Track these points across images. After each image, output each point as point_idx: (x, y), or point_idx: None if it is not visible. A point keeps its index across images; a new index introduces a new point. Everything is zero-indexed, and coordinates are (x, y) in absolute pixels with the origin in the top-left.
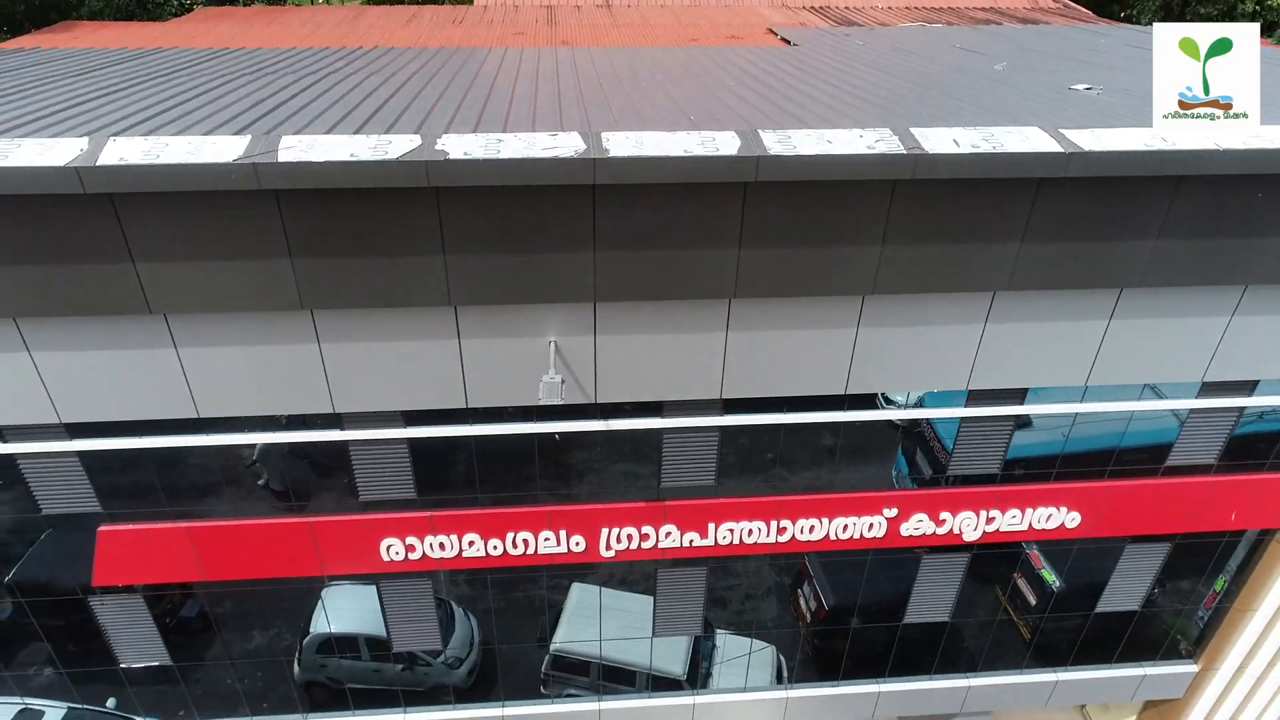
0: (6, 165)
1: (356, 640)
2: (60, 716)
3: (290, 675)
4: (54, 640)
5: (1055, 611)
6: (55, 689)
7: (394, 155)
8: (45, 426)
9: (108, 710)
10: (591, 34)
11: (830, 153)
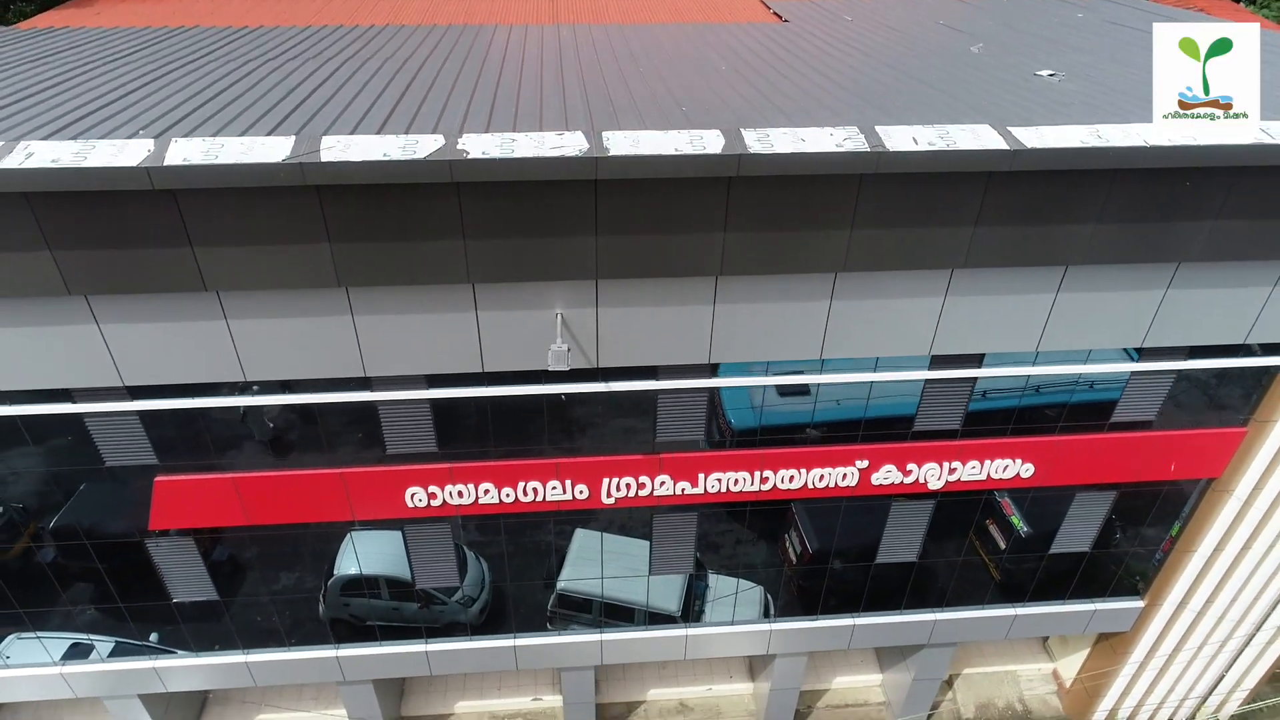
0: (86, 166)
1: (377, 581)
2: (109, 650)
3: (317, 613)
4: (100, 581)
5: (1020, 553)
6: (99, 626)
7: (421, 155)
8: (109, 389)
9: (151, 644)
10: (591, 5)
11: (803, 151)
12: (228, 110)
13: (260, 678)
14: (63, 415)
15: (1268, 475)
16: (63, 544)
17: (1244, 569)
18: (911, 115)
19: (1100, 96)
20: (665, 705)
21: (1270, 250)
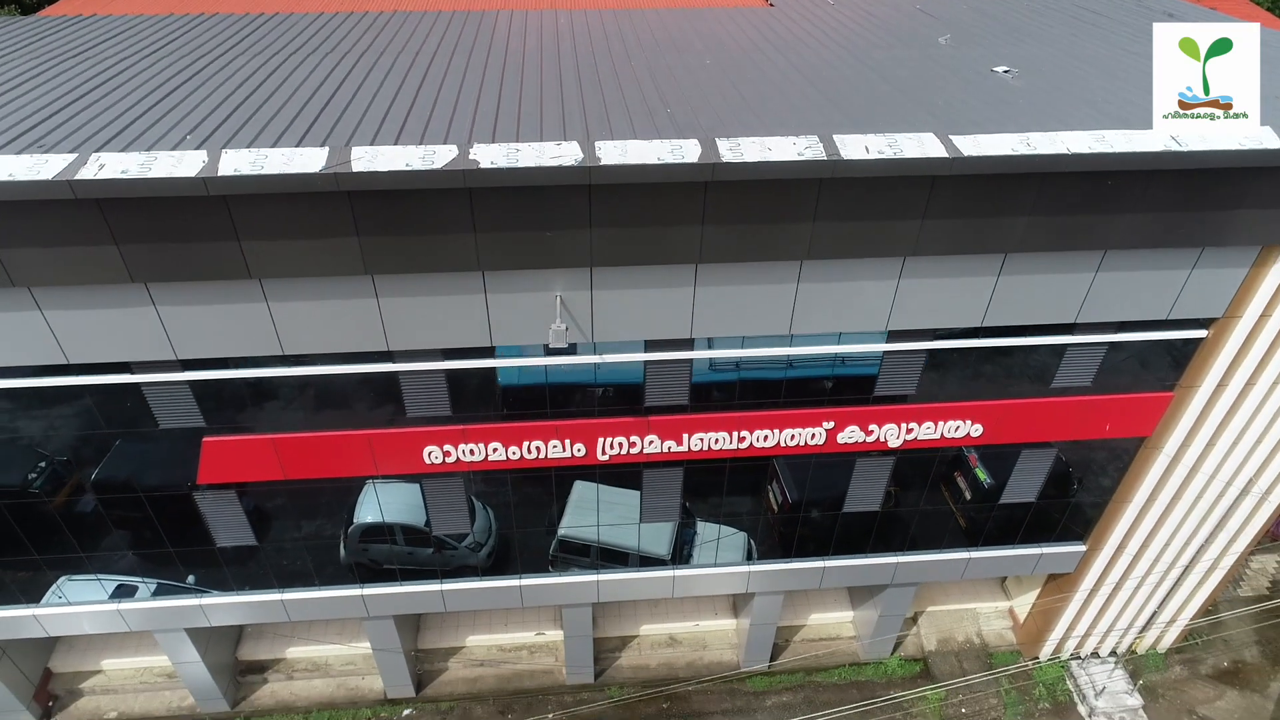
0: (151, 177)
1: (393, 529)
2: (152, 590)
3: (338, 558)
4: (151, 528)
5: (983, 503)
6: (144, 569)
7: (439, 165)
8: (164, 362)
9: (188, 585)
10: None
11: (769, 160)
12: (261, 113)
13: (294, 613)
14: (123, 384)
15: (1193, 433)
16: (117, 496)
17: (1174, 518)
18: (870, 119)
19: (1044, 96)
20: (656, 639)
21: (1185, 239)
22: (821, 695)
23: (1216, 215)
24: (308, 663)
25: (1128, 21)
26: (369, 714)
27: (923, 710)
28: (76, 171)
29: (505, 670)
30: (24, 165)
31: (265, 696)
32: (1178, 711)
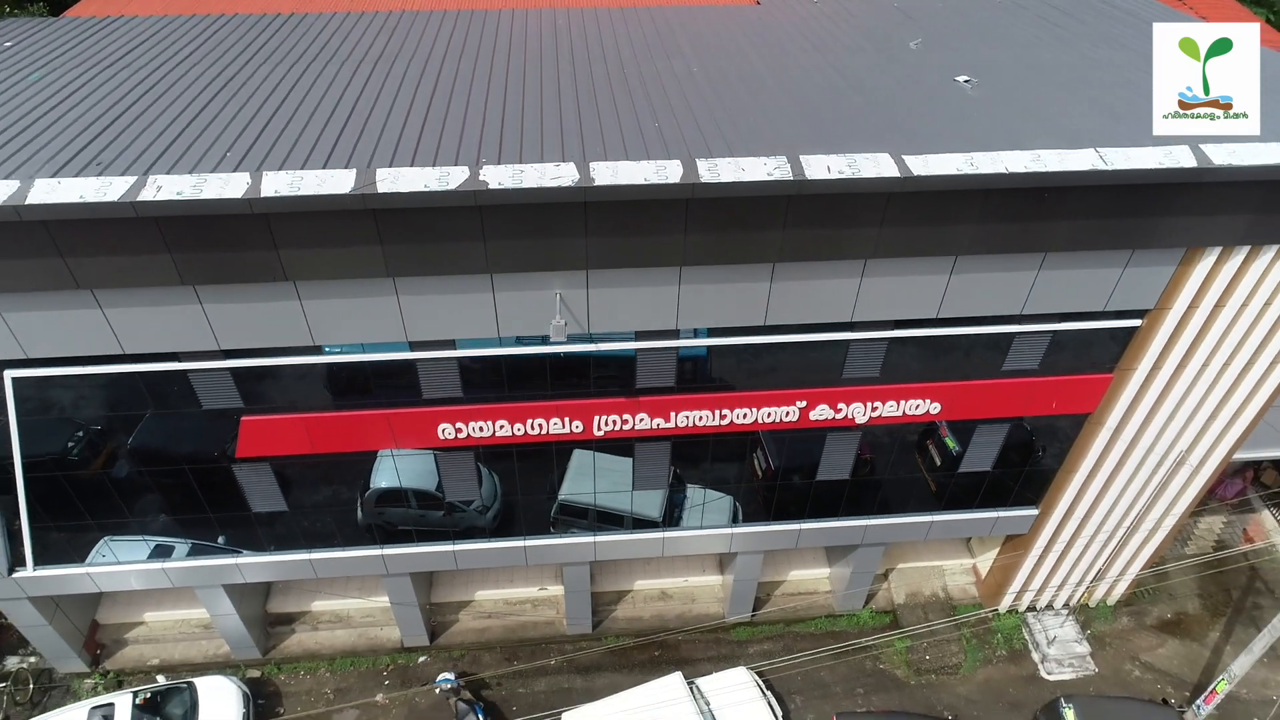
0: (203, 198)
1: (406, 493)
2: (187, 550)
3: (356, 520)
4: (192, 495)
5: (948, 470)
6: (181, 531)
7: (453, 186)
8: (209, 352)
9: (219, 545)
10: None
11: (742, 179)
12: (290, 129)
13: (320, 571)
14: (173, 371)
15: (1131, 410)
16: (163, 468)
17: (1116, 485)
18: (835, 137)
19: (996, 108)
20: (649, 593)
21: (1117, 243)
22: (799, 644)
23: (1143, 222)
24: (331, 615)
25: (1090, 23)
26: (388, 661)
27: (890, 657)
28: (138, 194)
29: (511, 622)
30: (91, 187)
31: (293, 645)
32: (1122, 658)
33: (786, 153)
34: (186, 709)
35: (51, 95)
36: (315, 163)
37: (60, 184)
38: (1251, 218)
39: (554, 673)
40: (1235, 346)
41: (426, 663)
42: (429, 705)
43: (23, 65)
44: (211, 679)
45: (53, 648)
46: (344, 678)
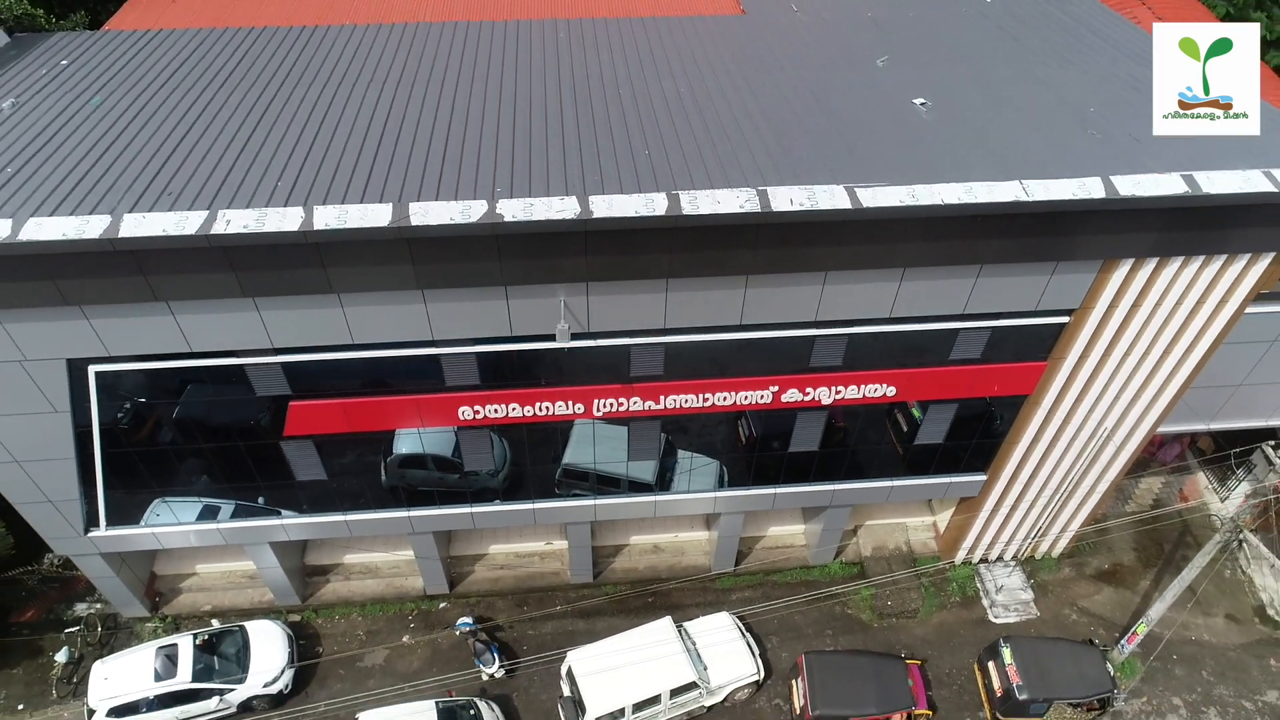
0: (265, 230)
1: (425, 458)
2: (230, 510)
3: (380, 483)
4: (243, 464)
5: (914, 436)
6: (227, 494)
7: (475, 219)
8: (263, 350)
9: (259, 505)
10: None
11: (717, 211)
12: (328, 161)
13: (355, 531)
14: (233, 366)
15: (1063, 393)
16: (220, 444)
17: (1053, 456)
18: (799, 168)
19: (947, 133)
20: (643, 547)
21: (1042, 256)
22: (776, 592)
23: (1064, 240)
24: (362, 567)
25: (1042, 34)
26: (412, 607)
27: (857, 603)
28: (210, 227)
29: (520, 572)
30: (171, 221)
31: (328, 593)
32: (1061, 604)
33: (758, 182)
34: (239, 648)
35: (115, 122)
36: (354, 196)
37: (145, 218)
38: (1157, 235)
39: (559, 617)
40: (1151, 340)
41: (446, 609)
42: (449, 646)
43: (81, 87)
44: (259, 623)
45: (118, 595)
46: (374, 622)
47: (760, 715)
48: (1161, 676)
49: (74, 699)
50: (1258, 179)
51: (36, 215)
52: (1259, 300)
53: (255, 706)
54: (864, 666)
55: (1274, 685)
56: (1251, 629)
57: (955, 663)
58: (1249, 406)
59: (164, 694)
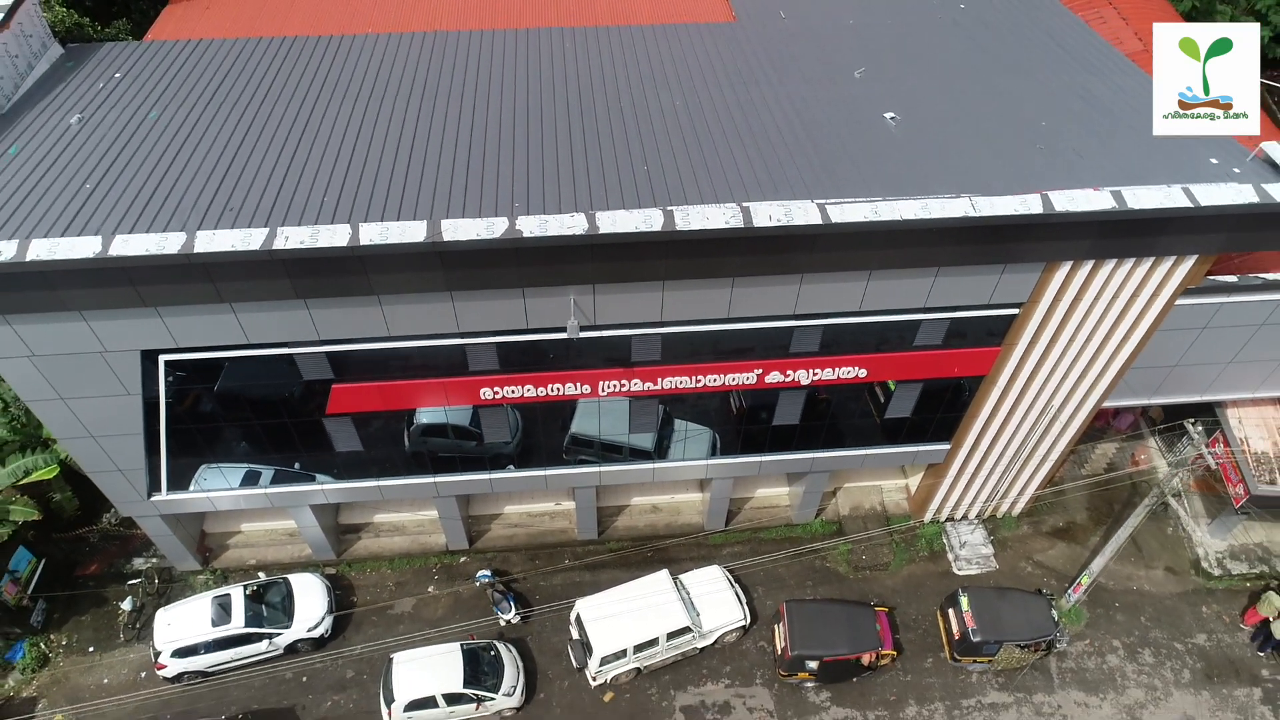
0: (319, 245)
1: (445, 427)
2: (271, 475)
3: (403, 449)
4: (288, 436)
5: (885, 414)
6: (260, 460)
7: (498, 234)
8: (310, 341)
9: (296, 470)
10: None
11: (706, 226)
12: (365, 181)
13: (386, 495)
14: (284, 354)
15: (1015, 374)
16: (269, 420)
17: (1009, 429)
18: (778, 183)
19: (912, 147)
20: (643, 507)
21: (991, 260)
22: (762, 547)
23: (1010, 247)
24: (390, 525)
25: (1008, 43)
26: (436, 561)
27: (835, 558)
28: (271, 243)
29: (533, 530)
30: (238, 237)
31: (360, 549)
32: (1018, 558)
33: (742, 198)
34: (284, 597)
35: (173, 137)
36: (392, 213)
37: (214, 235)
38: (1092, 241)
39: (568, 570)
40: (1092, 329)
41: (467, 562)
42: (470, 595)
43: (137, 101)
44: (301, 575)
45: (174, 551)
46: (402, 574)
47: (746, 656)
48: (1105, 622)
49: (138, 642)
50: (1178, 194)
51: (120, 232)
52: (1187, 294)
53: (299, 649)
54: (838, 613)
55: (1203, 629)
56: (1187, 580)
57: (921, 610)
58: (1185, 384)
59: (220, 638)
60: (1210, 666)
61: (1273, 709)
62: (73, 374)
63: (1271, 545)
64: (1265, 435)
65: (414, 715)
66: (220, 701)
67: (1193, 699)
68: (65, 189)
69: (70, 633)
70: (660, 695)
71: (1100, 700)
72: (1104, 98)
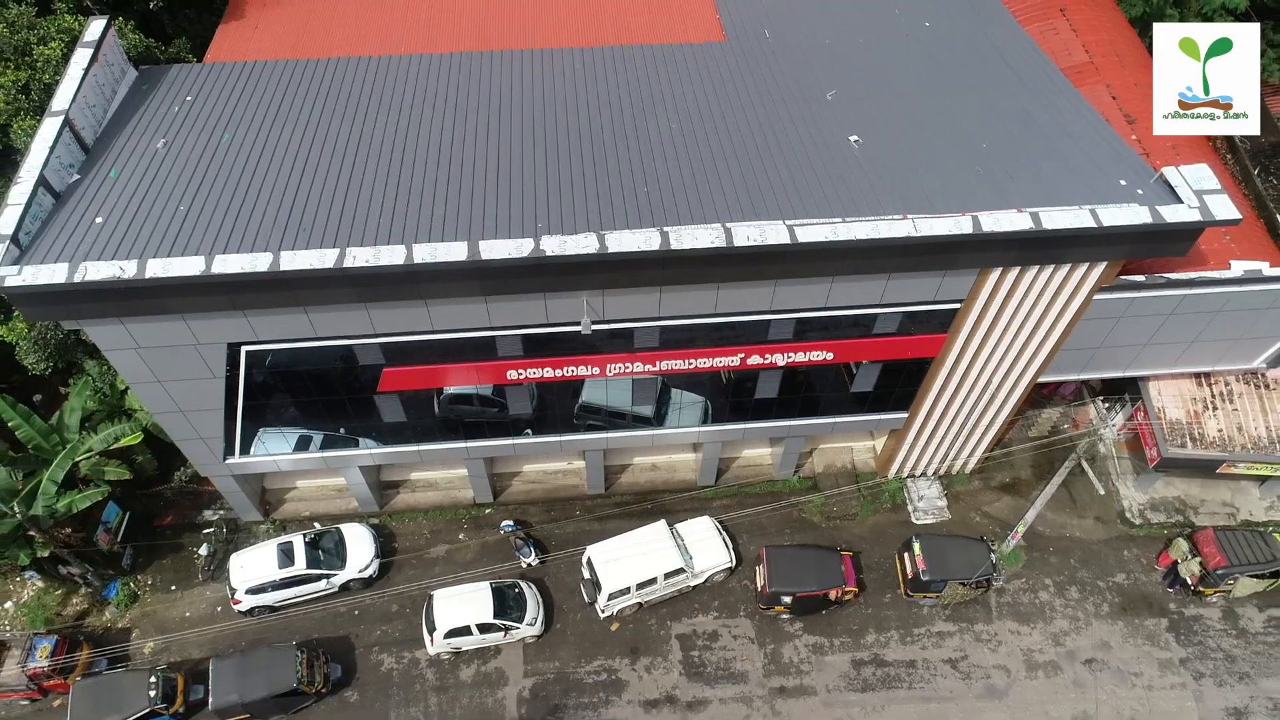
0: (380, 263)
1: (470, 396)
2: (320, 439)
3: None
4: (344, 407)
5: (851, 387)
6: (300, 423)
7: (525, 254)
8: (366, 334)
9: (342, 435)
10: (586, 25)
11: (695, 246)
12: (410, 206)
13: (425, 457)
14: (345, 345)
15: (960, 356)
16: (330, 397)
17: (957, 401)
18: (756, 205)
19: (871, 169)
20: (644, 466)
21: (933, 267)
22: (747, 501)
23: (948, 257)
24: (425, 482)
25: (962, 60)
26: (465, 513)
27: (810, 509)
28: (342, 262)
29: (548, 485)
30: (314, 257)
31: (399, 503)
32: (969, 510)
33: (725, 218)
34: (337, 543)
35: (246, 159)
36: (437, 234)
37: (295, 255)
38: (1016, 252)
39: (579, 520)
40: (1023, 320)
41: (492, 514)
42: (495, 542)
43: (210, 124)
44: (351, 525)
45: (240, 505)
46: (435, 525)
47: (732, 592)
48: (1040, 563)
49: (214, 582)
50: (1085, 216)
51: (216, 252)
52: (1103, 290)
53: (351, 587)
54: (809, 556)
55: (1123, 570)
56: (1113, 528)
57: (883, 554)
58: (1109, 362)
59: (285, 578)
60: (1127, 601)
61: (1175, 636)
62: (169, 362)
63: (1186, 498)
64: (1180, 405)
65: (452, 641)
66: (286, 631)
67: (1109, 627)
68: (164, 211)
69: (154, 574)
70: (659, 626)
71: (1031, 629)
72: (1039, 120)
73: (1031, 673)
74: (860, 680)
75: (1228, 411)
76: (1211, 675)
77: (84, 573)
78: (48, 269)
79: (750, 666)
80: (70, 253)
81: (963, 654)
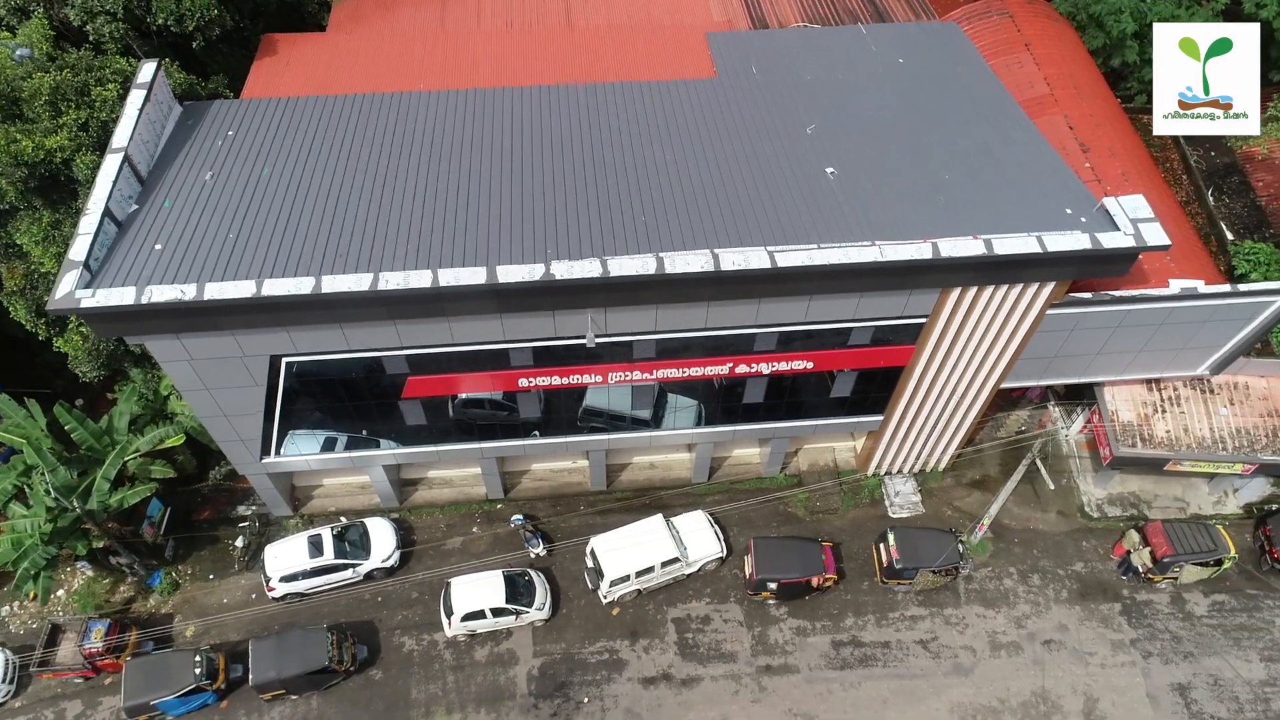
0: (409, 286)
1: (483, 400)
2: (345, 441)
3: (454, 424)
4: (370, 412)
5: (830, 392)
6: (328, 426)
7: (537, 277)
8: (394, 346)
9: (364, 435)
10: (585, 61)
11: (688, 270)
12: (435, 234)
13: (442, 458)
14: (373, 357)
15: (928, 365)
16: (359, 403)
17: (927, 405)
18: (743, 232)
19: (845, 200)
20: (643, 464)
21: (899, 287)
22: (737, 496)
23: (910, 279)
24: (441, 479)
25: (931, 93)
26: (478, 508)
27: (795, 504)
28: (377, 285)
29: (554, 482)
30: (351, 281)
31: (418, 499)
32: (941, 504)
33: (714, 245)
34: (361, 535)
35: (286, 191)
36: (458, 260)
37: (335, 279)
38: (972, 274)
39: (583, 515)
40: (983, 333)
41: (503, 509)
42: (506, 534)
43: (251, 157)
44: (374, 519)
45: (273, 500)
46: (451, 519)
47: (723, 580)
48: (1005, 554)
49: (248, 571)
50: (1032, 242)
51: (264, 276)
52: (1055, 306)
53: (375, 576)
54: (793, 546)
55: (1081, 559)
56: (1074, 521)
57: (861, 545)
58: (1065, 369)
59: (315, 567)
60: (1084, 588)
61: (1127, 619)
62: (218, 372)
63: (1141, 494)
64: (1131, 409)
65: (468, 624)
66: (315, 616)
67: (1067, 611)
68: (215, 238)
69: (194, 564)
70: (655, 610)
71: (995, 613)
72: (997, 152)
73: (995, 652)
74: (839, 659)
75: (1175, 414)
76: (1159, 654)
77: (131, 563)
78: (118, 292)
79: (739, 647)
80: (135, 277)
81: (933, 635)
